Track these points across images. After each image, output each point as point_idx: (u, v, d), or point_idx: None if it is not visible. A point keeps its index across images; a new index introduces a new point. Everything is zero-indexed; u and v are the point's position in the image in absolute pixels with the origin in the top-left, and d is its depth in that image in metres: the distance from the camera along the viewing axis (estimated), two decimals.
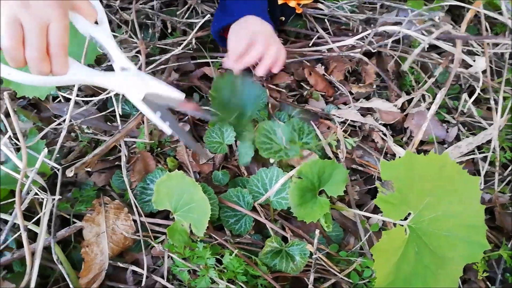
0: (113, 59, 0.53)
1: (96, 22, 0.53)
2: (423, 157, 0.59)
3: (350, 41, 0.80)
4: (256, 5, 0.81)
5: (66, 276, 0.57)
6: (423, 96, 0.87)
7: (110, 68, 0.67)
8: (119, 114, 0.76)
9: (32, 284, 0.56)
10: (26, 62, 0.44)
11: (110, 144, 0.60)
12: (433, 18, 0.68)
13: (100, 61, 0.85)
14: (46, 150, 0.57)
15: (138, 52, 0.78)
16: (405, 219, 0.59)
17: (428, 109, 0.85)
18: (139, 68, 0.71)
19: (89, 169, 0.57)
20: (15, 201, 0.55)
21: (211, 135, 0.75)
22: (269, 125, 0.72)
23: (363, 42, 0.78)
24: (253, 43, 0.72)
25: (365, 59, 0.84)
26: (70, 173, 0.56)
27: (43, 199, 0.63)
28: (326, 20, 0.92)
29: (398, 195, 0.58)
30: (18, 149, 0.73)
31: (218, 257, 0.61)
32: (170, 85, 0.54)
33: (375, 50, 0.83)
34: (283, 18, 0.91)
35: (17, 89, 0.71)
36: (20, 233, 0.59)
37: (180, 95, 0.54)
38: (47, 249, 0.63)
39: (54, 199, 0.58)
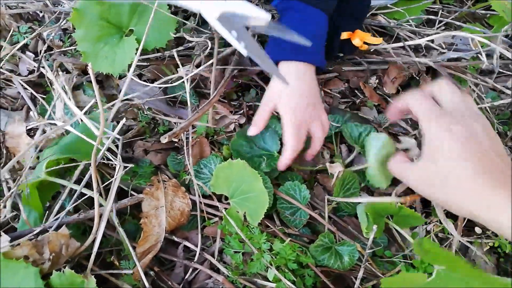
0: None
1: None
2: None
3: (421, 41, 0.80)
4: (316, 42, 0.71)
5: (127, 243, 0.60)
6: None
7: None
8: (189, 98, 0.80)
9: (97, 243, 0.59)
10: None
11: (192, 121, 0.63)
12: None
13: None
14: (124, 120, 0.61)
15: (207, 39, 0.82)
16: None
17: None
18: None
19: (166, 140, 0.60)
20: (91, 164, 0.58)
21: None
22: None
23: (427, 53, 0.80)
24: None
25: (431, 63, 0.84)
26: (164, 140, 0.59)
27: (112, 165, 0.67)
28: (386, 31, 0.95)
29: None
30: None
31: (270, 243, 0.63)
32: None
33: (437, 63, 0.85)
34: (341, 55, 0.88)
35: (93, 65, 0.75)
36: (76, 199, 0.63)
37: (266, 15, 0.47)
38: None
39: (126, 166, 0.61)
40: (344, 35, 0.78)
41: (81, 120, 0.72)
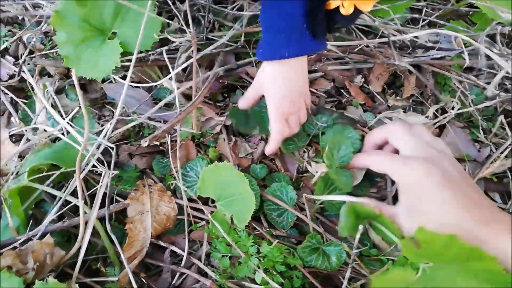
0: None
1: None
2: None
3: (406, 36, 0.83)
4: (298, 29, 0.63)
5: (119, 249, 0.59)
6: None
7: None
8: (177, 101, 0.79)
9: (82, 251, 0.58)
10: None
11: (175, 123, 0.63)
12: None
13: None
14: (110, 126, 0.61)
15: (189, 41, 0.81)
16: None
17: (457, 116, 0.89)
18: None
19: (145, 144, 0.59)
20: (75, 171, 0.57)
21: None
22: None
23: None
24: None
25: (410, 67, 0.85)
26: (144, 143, 0.59)
27: (96, 172, 0.66)
28: (371, 30, 0.95)
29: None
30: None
31: (257, 246, 0.63)
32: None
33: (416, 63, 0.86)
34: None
35: (76, 69, 0.74)
36: (61, 206, 0.62)
37: None
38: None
39: (112, 173, 0.60)
40: (333, 4, 0.61)
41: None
